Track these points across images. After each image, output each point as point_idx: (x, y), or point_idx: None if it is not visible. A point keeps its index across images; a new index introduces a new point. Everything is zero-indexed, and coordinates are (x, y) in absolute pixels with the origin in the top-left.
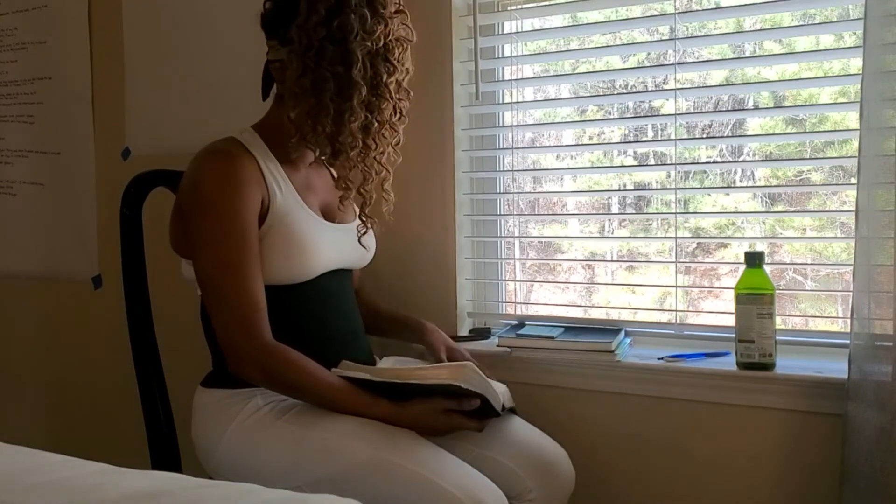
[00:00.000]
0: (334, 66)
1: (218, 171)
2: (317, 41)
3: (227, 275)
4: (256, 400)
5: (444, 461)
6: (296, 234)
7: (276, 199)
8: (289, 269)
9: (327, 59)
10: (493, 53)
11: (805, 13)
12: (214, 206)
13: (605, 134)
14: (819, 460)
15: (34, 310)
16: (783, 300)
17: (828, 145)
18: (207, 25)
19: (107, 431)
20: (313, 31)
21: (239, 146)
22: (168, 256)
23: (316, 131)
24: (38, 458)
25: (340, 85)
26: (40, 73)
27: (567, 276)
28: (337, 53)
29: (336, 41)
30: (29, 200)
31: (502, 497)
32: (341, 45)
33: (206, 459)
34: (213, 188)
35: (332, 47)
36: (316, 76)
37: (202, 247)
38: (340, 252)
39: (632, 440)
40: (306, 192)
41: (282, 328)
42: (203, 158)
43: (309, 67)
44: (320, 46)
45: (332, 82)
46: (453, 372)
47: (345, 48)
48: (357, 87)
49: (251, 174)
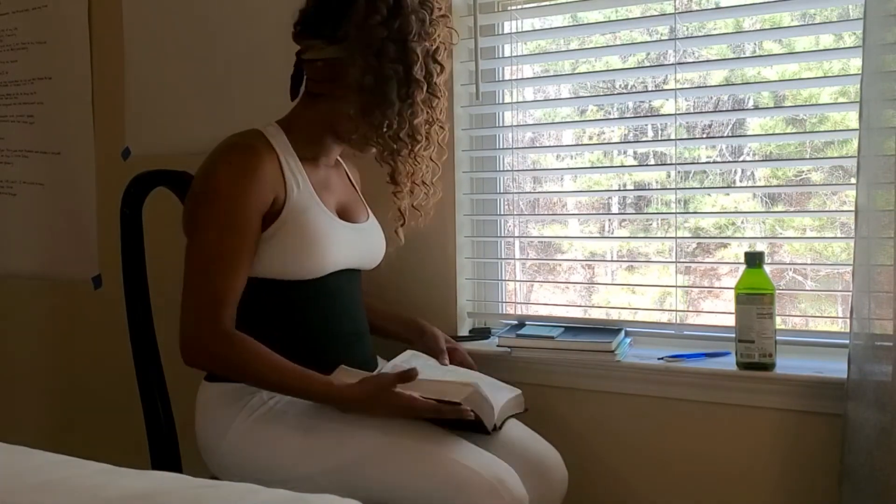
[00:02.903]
0: (395, 65)
1: (233, 164)
2: (378, 40)
3: (207, 263)
4: (261, 394)
5: (461, 443)
6: (310, 230)
7: (293, 194)
8: (300, 265)
9: (389, 58)
10: (493, 53)
11: (805, 13)
12: (218, 196)
13: (605, 134)
14: (819, 460)
15: (34, 310)
16: (783, 300)
17: (828, 145)
18: (207, 25)
19: (107, 431)
20: (375, 29)
21: (262, 139)
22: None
23: (380, 127)
24: (38, 458)
25: (402, 83)
26: (40, 73)
27: (567, 276)
28: (397, 53)
29: (396, 41)
30: (29, 200)
31: (518, 478)
32: (402, 45)
33: (209, 455)
34: (222, 179)
35: (394, 46)
36: (379, 74)
37: (196, 232)
38: (352, 252)
39: (631, 440)
40: (323, 191)
41: (286, 324)
42: (223, 149)
43: (372, 66)
44: (382, 45)
45: (394, 80)
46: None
47: (405, 47)
48: (419, 85)
49: (268, 171)
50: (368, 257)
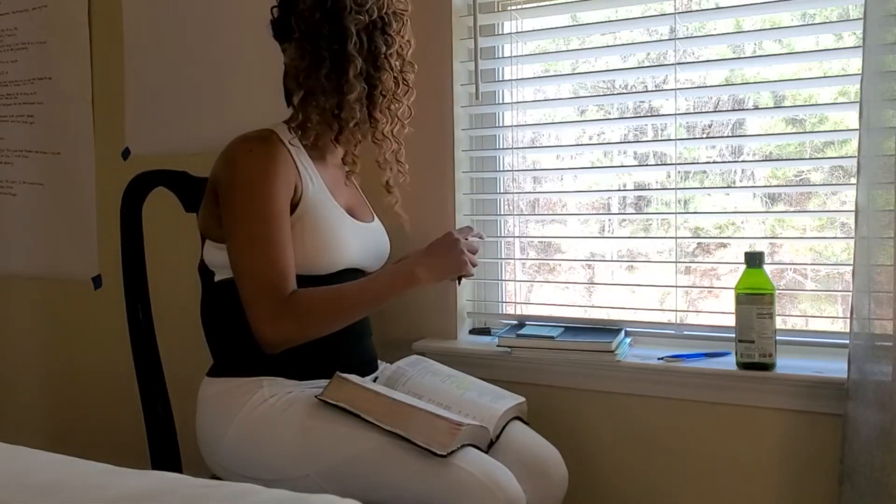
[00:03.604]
0: (331, 45)
1: (255, 154)
2: (313, 24)
3: (260, 249)
4: (263, 391)
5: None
6: (325, 226)
7: (309, 189)
8: (315, 260)
9: (325, 39)
10: (493, 53)
11: (805, 13)
12: (250, 186)
13: (605, 134)
14: (819, 460)
15: (34, 310)
16: (783, 300)
17: (828, 145)
18: (207, 26)
19: (107, 431)
20: (310, 14)
21: (274, 136)
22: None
23: (318, 109)
24: (38, 458)
25: (336, 61)
26: (40, 73)
27: (567, 276)
28: (333, 32)
29: (332, 20)
30: (29, 200)
31: (514, 479)
32: (336, 24)
33: (209, 452)
34: (249, 169)
35: (329, 26)
36: (313, 57)
37: (236, 224)
38: (363, 250)
39: (632, 440)
40: (334, 189)
41: None
42: (240, 142)
43: (306, 50)
44: (317, 28)
45: (328, 60)
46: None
47: (339, 25)
48: (352, 60)
49: (286, 160)
50: (376, 258)
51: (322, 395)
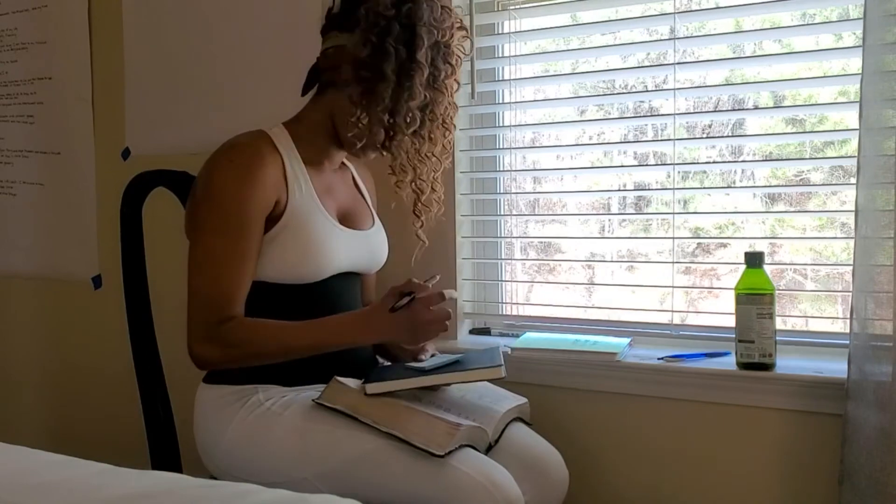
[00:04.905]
0: (398, 45)
1: (235, 164)
2: (384, 20)
3: (210, 266)
4: (258, 396)
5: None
6: (309, 236)
7: (295, 198)
8: (298, 269)
9: (392, 37)
10: (492, 53)
11: (804, 13)
12: (220, 197)
13: (604, 134)
14: (819, 460)
15: (34, 310)
16: (783, 300)
17: (827, 145)
18: (207, 26)
19: (107, 431)
20: (383, 10)
21: (266, 141)
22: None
23: (374, 106)
24: (38, 458)
25: (402, 62)
26: (40, 73)
27: (567, 276)
28: (403, 34)
29: (404, 24)
30: (29, 200)
31: (512, 480)
32: (409, 29)
33: (208, 456)
34: (224, 180)
35: (399, 27)
36: (378, 49)
37: (198, 233)
38: (351, 257)
39: (632, 440)
40: (326, 196)
41: None
42: (225, 149)
43: (370, 41)
44: (387, 24)
45: (394, 57)
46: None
47: (412, 31)
48: (420, 68)
49: (270, 172)
50: (368, 263)
51: (319, 399)
